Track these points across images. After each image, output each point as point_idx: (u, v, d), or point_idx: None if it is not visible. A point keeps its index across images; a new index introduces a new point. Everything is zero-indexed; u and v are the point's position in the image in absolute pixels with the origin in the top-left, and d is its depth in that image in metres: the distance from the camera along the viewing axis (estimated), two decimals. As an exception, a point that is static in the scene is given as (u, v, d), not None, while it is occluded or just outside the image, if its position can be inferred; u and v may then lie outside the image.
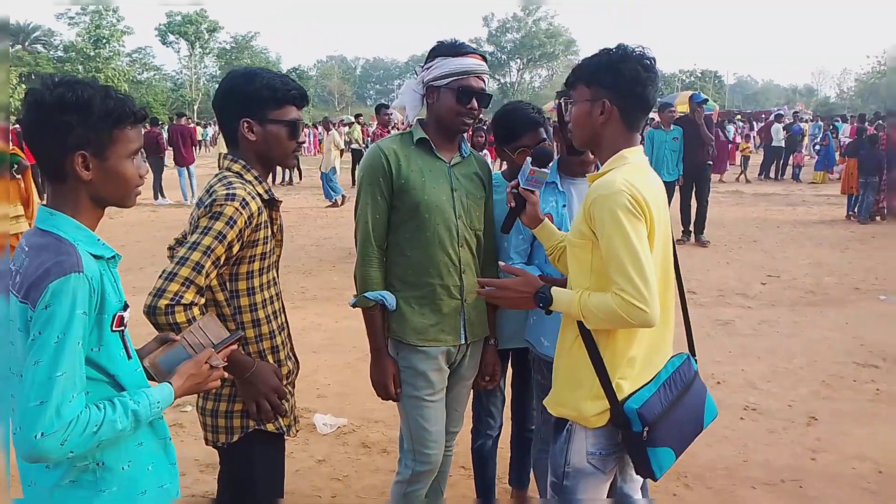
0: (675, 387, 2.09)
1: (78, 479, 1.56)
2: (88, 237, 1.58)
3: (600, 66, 2.06)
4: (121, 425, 1.52)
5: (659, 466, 2.03)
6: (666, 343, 2.16)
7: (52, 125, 1.50)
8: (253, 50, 66.13)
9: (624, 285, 1.87)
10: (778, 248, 10.08)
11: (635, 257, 1.88)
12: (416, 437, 2.58)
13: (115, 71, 51.50)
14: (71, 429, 1.42)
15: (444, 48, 2.50)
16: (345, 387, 4.92)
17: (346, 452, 3.98)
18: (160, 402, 1.62)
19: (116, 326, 1.58)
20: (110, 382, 1.59)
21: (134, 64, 58.44)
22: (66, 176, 1.55)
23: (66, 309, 1.44)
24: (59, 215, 1.56)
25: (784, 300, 7.30)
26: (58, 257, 1.47)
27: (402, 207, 2.49)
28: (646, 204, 1.93)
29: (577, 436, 2.09)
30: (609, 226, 1.90)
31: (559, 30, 79.65)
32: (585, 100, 2.08)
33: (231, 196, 2.00)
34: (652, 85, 2.05)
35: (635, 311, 1.87)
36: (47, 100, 1.50)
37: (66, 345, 1.43)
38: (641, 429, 1.97)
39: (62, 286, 1.44)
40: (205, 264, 1.95)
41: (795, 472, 3.76)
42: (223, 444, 2.17)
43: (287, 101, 2.13)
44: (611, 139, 2.08)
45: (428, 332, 2.52)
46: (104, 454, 1.58)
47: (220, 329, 1.91)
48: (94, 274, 1.50)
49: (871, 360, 5.48)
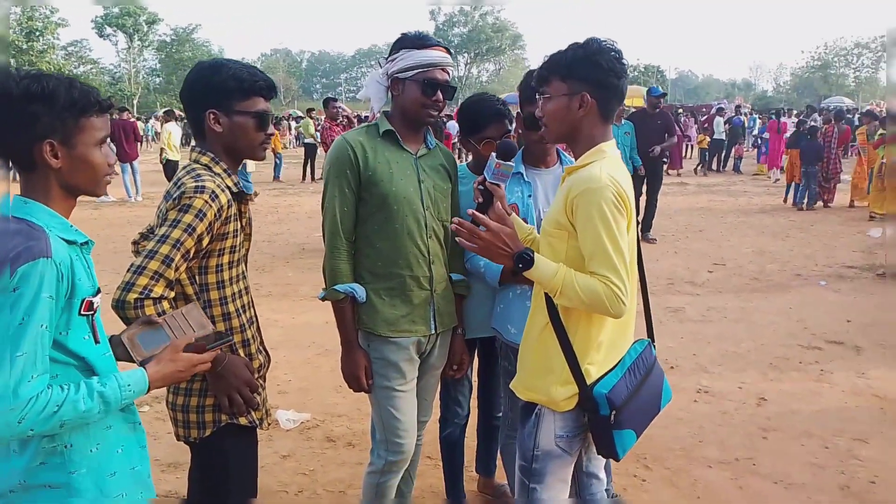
0: (638, 372, 2.17)
1: (47, 461, 1.60)
2: (61, 224, 1.61)
3: (577, 60, 2.08)
4: (84, 406, 1.54)
5: (622, 447, 2.10)
6: (629, 329, 2.23)
7: (19, 115, 1.54)
8: (194, 43, 64.58)
9: (613, 278, 1.93)
10: (723, 237, 10.40)
11: (620, 252, 1.95)
12: (388, 427, 2.60)
13: (50, 65, 49.56)
14: (29, 407, 1.46)
15: (409, 40, 2.51)
16: (306, 382, 4.90)
17: (311, 447, 3.97)
18: (131, 386, 1.64)
19: (84, 311, 1.61)
20: (80, 366, 1.62)
21: (70, 57, 56.38)
22: (36, 165, 1.59)
23: (32, 292, 1.48)
24: (32, 203, 1.60)
25: (730, 287, 7.54)
26: (28, 242, 1.51)
27: (369, 199, 2.49)
28: (627, 199, 2.00)
29: (545, 420, 2.14)
30: (596, 219, 1.95)
31: (506, 24, 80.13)
32: (563, 94, 2.09)
33: (200, 188, 1.98)
34: (625, 76, 2.11)
35: (618, 303, 1.94)
36: (14, 91, 1.53)
37: (29, 327, 1.47)
38: (609, 412, 2.04)
39: (30, 270, 1.48)
40: (174, 257, 1.92)
41: (748, 450, 3.91)
42: (195, 440, 2.15)
43: (254, 93, 2.11)
44: (588, 132, 2.11)
45: (398, 323, 2.54)
46: (72, 437, 1.61)
47: (203, 318, 1.89)
48: (63, 259, 1.54)
49: (814, 342, 5.72)
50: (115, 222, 11.27)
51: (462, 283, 2.73)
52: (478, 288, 2.81)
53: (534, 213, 2.70)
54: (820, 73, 74.93)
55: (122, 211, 13.07)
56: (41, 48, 50.35)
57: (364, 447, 3.86)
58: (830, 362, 5.27)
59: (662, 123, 9.78)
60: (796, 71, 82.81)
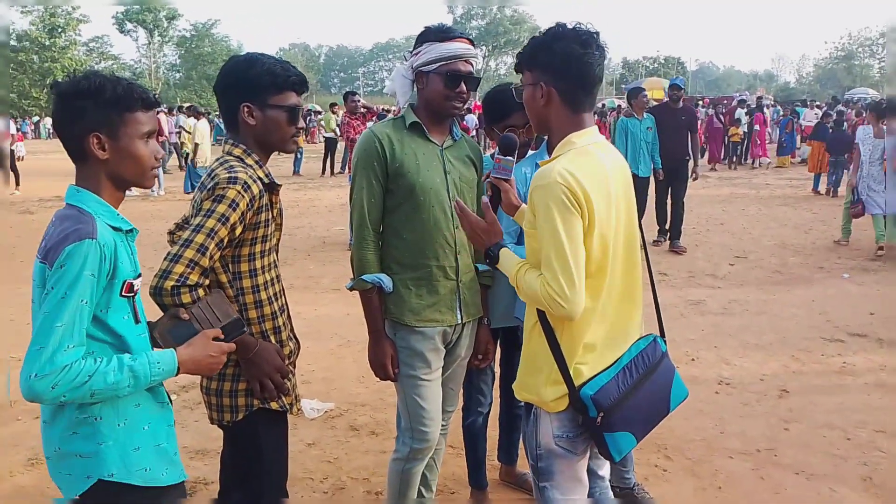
0: (636, 371, 2.05)
1: (78, 431, 1.71)
2: (109, 211, 1.75)
3: (536, 48, 2.02)
4: (113, 377, 1.63)
5: (617, 450, 2.01)
6: (632, 325, 2.13)
7: (70, 110, 1.71)
8: (213, 38, 64.92)
9: (549, 278, 1.87)
10: (744, 229, 10.33)
11: (561, 252, 1.85)
12: (413, 416, 2.64)
13: (72, 61, 50.16)
14: (63, 374, 1.57)
15: (432, 33, 2.54)
16: (329, 372, 4.97)
17: (335, 435, 4.04)
18: (160, 364, 1.73)
19: (126, 292, 1.73)
20: (117, 345, 1.73)
21: (91, 53, 56.96)
22: (87, 156, 1.73)
23: (76, 269, 1.60)
24: (84, 192, 1.75)
25: (752, 280, 7.52)
26: (76, 225, 1.65)
27: (397, 190, 2.53)
28: (583, 195, 1.88)
29: (542, 420, 2.08)
30: (541, 217, 1.89)
31: (524, 17, 79.76)
32: (529, 84, 2.04)
33: (233, 179, 2.04)
34: (591, 61, 1.97)
35: (555, 304, 1.87)
36: (66, 89, 1.70)
37: (70, 300, 1.59)
38: (597, 414, 1.95)
39: (76, 249, 1.61)
40: (209, 246, 2.00)
41: (770, 441, 3.92)
42: (228, 423, 2.22)
43: (287, 87, 2.18)
44: (557, 123, 2.03)
45: (425, 313, 2.57)
46: (102, 410, 1.71)
47: (228, 306, 1.98)
48: (107, 242, 1.67)
49: (836, 335, 5.69)
50: (138, 216, 11.40)
51: (487, 273, 2.76)
52: (500, 278, 2.83)
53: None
54: (844, 63, 73.91)
55: (144, 205, 13.23)
56: (63, 44, 50.91)
57: (387, 436, 3.92)
58: (853, 354, 5.25)
59: (686, 119, 9.03)
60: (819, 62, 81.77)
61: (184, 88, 61.08)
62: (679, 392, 2.19)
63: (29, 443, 3.93)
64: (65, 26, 50.77)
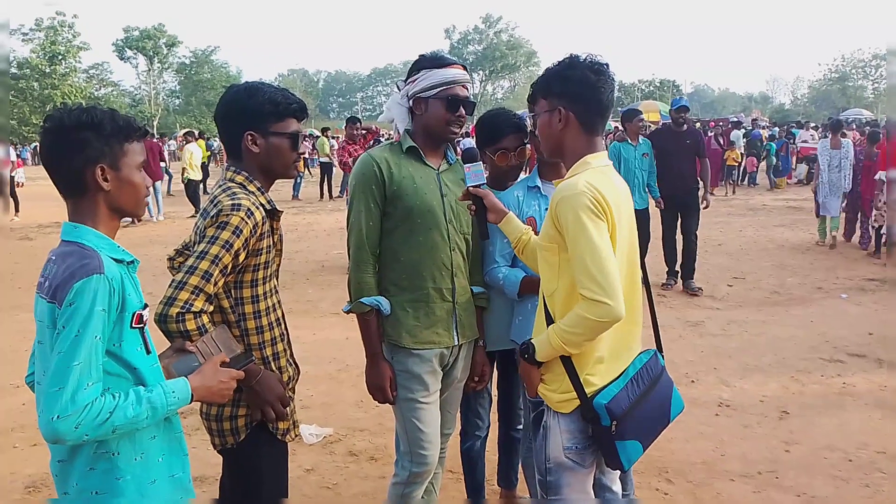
0: (642, 382, 2.16)
1: (96, 467, 1.70)
2: (109, 244, 1.75)
3: (551, 77, 2.17)
4: (133, 411, 1.64)
5: (627, 459, 2.10)
6: (633, 340, 2.24)
7: (72, 142, 1.69)
8: (213, 64, 65.41)
9: (587, 283, 1.95)
10: (742, 250, 10.35)
11: (596, 254, 1.95)
12: (412, 439, 2.63)
13: (72, 87, 50.50)
14: (85, 413, 1.56)
15: (428, 61, 2.58)
16: (328, 397, 4.95)
17: (334, 461, 4.01)
18: (175, 392, 1.74)
19: (136, 323, 1.73)
20: (132, 378, 1.73)
21: (91, 80, 57.36)
22: (87, 188, 1.72)
23: (87, 306, 1.59)
24: (81, 227, 1.73)
25: (750, 301, 7.52)
26: (82, 261, 1.64)
27: (394, 213, 2.56)
28: (606, 204, 2.00)
29: (552, 432, 2.17)
30: (573, 226, 1.98)
31: (520, 42, 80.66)
32: (545, 111, 2.17)
33: (237, 206, 2.07)
34: (604, 87, 2.12)
35: (600, 306, 1.93)
36: (66, 122, 1.69)
37: (85, 338, 1.58)
38: (610, 423, 2.04)
39: (85, 286, 1.60)
40: (213, 273, 2.02)
41: (771, 464, 3.90)
42: (232, 446, 2.22)
43: (288, 115, 2.22)
44: (572, 145, 2.16)
45: (422, 335, 2.58)
46: (120, 445, 1.71)
47: (231, 341, 2.02)
48: (114, 276, 1.67)
49: (836, 355, 5.68)
50: (137, 241, 11.42)
51: (482, 295, 2.77)
52: (496, 301, 2.86)
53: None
54: (838, 85, 74.52)
55: (144, 230, 13.25)
56: (63, 71, 51.25)
57: (386, 461, 3.90)
58: (853, 375, 5.24)
59: (692, 143, 7.90)
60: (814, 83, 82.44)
61: (183, 114, 61.44)
62: (677, 404, 2.30)
63: (26, 471, 3.90)
64: (65, 54, 51.16)
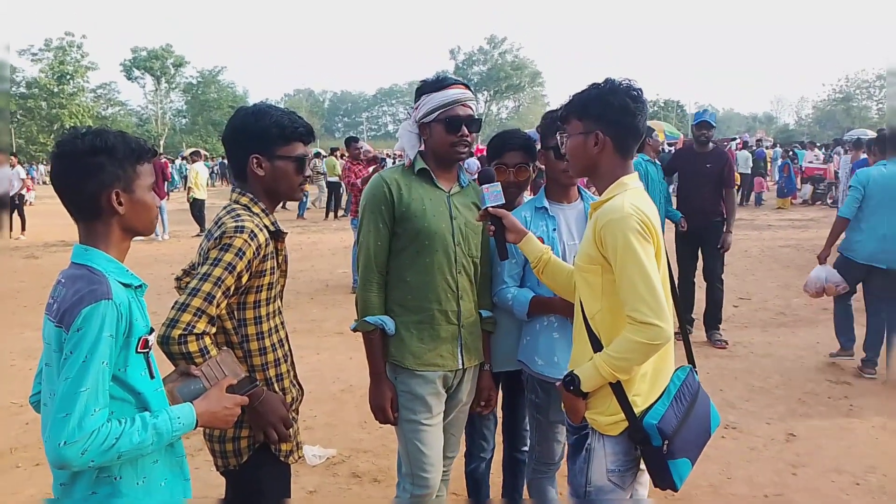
0: (685, 399, 2.16)
1: (98, 492, 1.70)
2: (118, 268, 1.75)
3: (590, 100, 2.17)
4: (138, 437, 1.64)
5: (679, 477, 2.09)
6: (670, 357, 2.24)
7: (86, 167, 1.69)
8: (220, 84, 65.99)
9: (637, 304, 1.96)
10: (747, 271, 10.32)
11: (647, 277, 1.97)
12: (413, 461, 2.62)
13: (80, 107, 50.97)
14: (92, 439, 1.56)
15: (428, 85, 2.61)
16: (331, 418, 4.93)
17: (337, 483, 3.98)
18: (181, 418, 1.75)
19: (141, 348, 1.73)
20: (136, 403, 1.73)
21: (98, 100, 57.88)
22: (101, 212, 1.73)
23: (95, 331, 1.59)
24: (92, 250, 1.74)
25: (756, 322, 7.49)
26: (90, 286, 1.64)
27: (403, 234, 2.56)
28: (652, 226, 2.03)
29: (596, 454, 2.15)
30: (622, 249, 1.99)
31: (524, 62, 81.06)
32: (579, 133, 2.18)
33: (240, 228, 2.07)
34: (641, 114, 2.16)
35: (652, 329, 1.95)
36: (79, 147, 1.69)
37: (92, 363, 1.58)
38: (662, 443, 2.04)
39: (93, 311, 1.60)
40: (216, 294, 2.02)
41: (778, 487, 3.86)
42: (235, 467, 2.22)
43: (294, 138, 2.23)
44: (607, 168, 2.18)
45: (426, 357, 2.58)
46: (123, 470, 1.71)
47: (236, 365, 2.02)
48: (122, 301, 1.67)
49: (842, 377, 5.65)
50: (142, 261, 11.45)
51: (490, 319, 2.77)
52: (503, 321, 2.85)
53: (559, 247, 2.75)
54: (842, 105, 74.67)
55: (149, 249, 13.28)
56: (71, 91, 51.75)
57: (389, 483, 3.87)
58: (860, 397, 5.20)
59: (713, 167, 6.58)
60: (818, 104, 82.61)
61: (189, 133, 61.90)
62: (715, 418, 2.32)
63: (28, 490, 3.89)
64: (73, 73, 51.67)
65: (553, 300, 2.65)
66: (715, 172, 6.58)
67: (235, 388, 1.95)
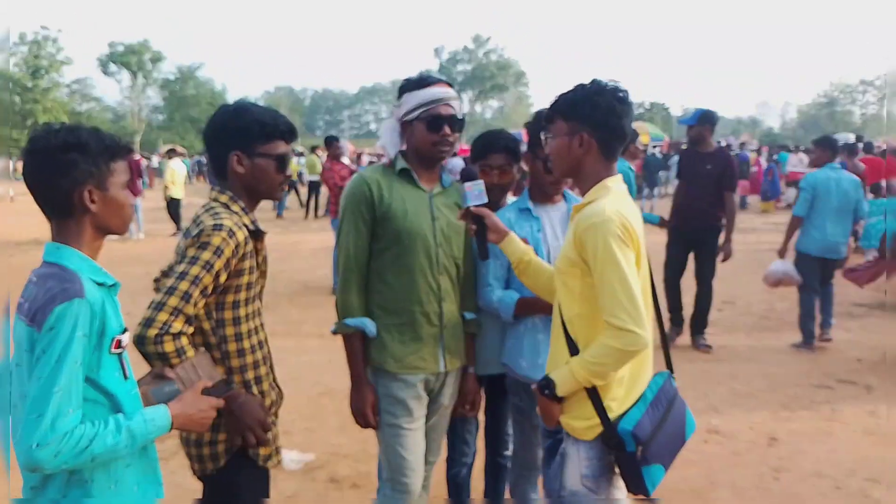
0: (661, 405, 2.15)
1: (68, 495, 1.66)
2: (91, 267, 1.71)
3: (577, 101, 2.13)
4: (112, 440, 1.61)
5: (652, 483, 2.08)
6: (648, 362, 2.22)
7: (59, 164, 1.65)
8: (198, 80, 65.24)
9: (615, 310, 1.94)
10: (732, 275, 10.30)
11: (626, 283, 1.95)
12: (394, 466, 2.56)
13: (54, 102, 50.21)
14: (65, 441, 1.53)
15: (411, 83, 2.56)
16: (310, 422, 4.84)
17: (315, 488, 3.90)
18: (155, 420, 1.71)
19: (115, 349, 1.69)
20: (109, 405, 1.70)
21: (73, 95, 57.07)
22: (73, 209, 1.69)
23: (68, 331, 1.56)
24: (64, 248, 1.70)
25: (740, 326, 7.50)
26: (63, 285, 1.60)
27: (383, 235, 2.50)
28: (633, 231, 2.02)
29: (571, 459, 2.13)
30: (602, 253, 1.97)
31: (509, 62, 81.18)
32: (564, 133, 2.15)
33: (218, 226, 2.03)
34: (626, 116, 2.14)
35: (629, 335, 1.93)
36: (52, 143, 1.65)
37: (65, 363, 1.55)
38: (636, 449, 2.02)
39: (66, 310, 1.57)
40: (193, 294, 1.97)
41: (760, 491, 3.85)
42: (212, 472, 2.16)
43: (276, 136, 2.18)
44: (591, 169, 2.16)
45: (407, 360, 2.52)
46: (94, 473, 1.68)
47: (213, 368, 1.98)
48: (95, 300, 1.63)
49: (825, 381, 5.66)
50: (116, 260, 11.25)
51: (473, 322, 2.71)
52: (486, 323, 2.79)
53: (543, 248, 2.71)
54: (826, 110, 75.75)
55: (124, 248, 13.09)
56: (46, 86, 50.94)
57: (370, 488, 3.79)
58: (842, 401, 5.21)
59: (715, 169, 6.31)
60: (802, 108, 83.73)
61: (167, 130, 61.14)
62: (691, 424, 2.30)
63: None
64: (48, 68, 50.88)
65: (539, 301, 2.60)
66: (714, 174, 6.36)
67: (211, 391, 1.90)
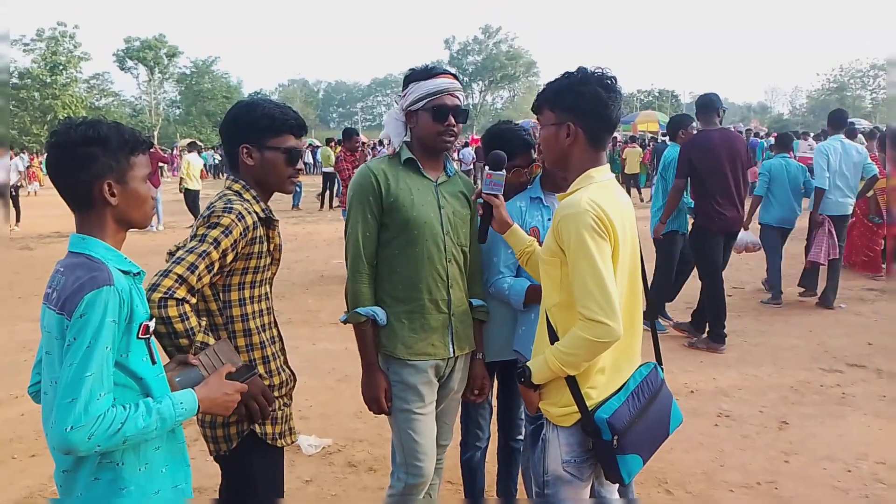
0: (642, 396, 2.15)
1: (100, 477, 1.71)
2: (117, 256, 1.75)
3: (562, 90, 2.14)
4: (143, 422, 1.65)
5: (627, 472, 2.09)
6: (634, 352, 2.23)
7: (79, 158, 1.69)
8: (214, 74, 65.49)
9: (586, 301, 1.95)
10: (741, 260, 10.29)
11: (598, 275, 1.95)
12: (407, 450, 2.63)
13: (73, 98, 50.58)
14: (98, 424, 1.57)
15: (416, 74, 2.61)
16: (326, 408, 4.94)
17: (333, 472, 4.00)
18: (183, 404, 1.77)
19: (142, 334, 1.74)
20: (139, 389, 1.75)
21: (92, 90, 57.44)
22: (94, 202, 1.73)
23: (98, 317, 1.60)
24: (89, 239, 1.74)
25: (749, 310, 7.52)
26: (91, 273, 1.64)
27: (391, 225, 2.57)
28: (609, 223, 2.00)
29: (551, 445, 2.16)
30: (575, 245, 1.98)
31: (519, 52, 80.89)
32: (551, 123, 2.16)
33: (228, 209, 2.14)
34: (614, 104, 2.11)
35: (599, 326, 1.93)
36: (73, 137, 1.69)
37: (96, 349, 1.59)
38: (611, 437, 2.03)
39: (95, 297, 1.61)
40: (199, 265, 2.05)
41: (770, 474, 3.89)
42: (225, 453, 2.26)
43: (285, 130, 2.27)
44: (578, 159, 2.15)
45: (417, 346, 2.59)
46: (125, 456, 1.72)
47: (234, 355, 2.05)
48: (123, 287, 1.68)
49: (835, 365, 5.68)
50: (137, 251, 11.34)
51: (481, 308, 2.77)
52: (497, 311, 2.86)
53: (552, 237, 2.75)
54: (836, 95, 74.75)
55: (143, 240, 13.21)
56: (64, 81, 51.34)
57: (385, 472, 3.88)
58: (852, 385, 5.24)
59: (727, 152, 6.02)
60: (812, 93, 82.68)
61: (183, 124, 61.50)
62: (676, 417, 2.30)
63: (24, 482, 3.89)
64: (66, 64, 51.26)
65: None
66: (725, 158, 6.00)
67: (234, 376, 1.98)
